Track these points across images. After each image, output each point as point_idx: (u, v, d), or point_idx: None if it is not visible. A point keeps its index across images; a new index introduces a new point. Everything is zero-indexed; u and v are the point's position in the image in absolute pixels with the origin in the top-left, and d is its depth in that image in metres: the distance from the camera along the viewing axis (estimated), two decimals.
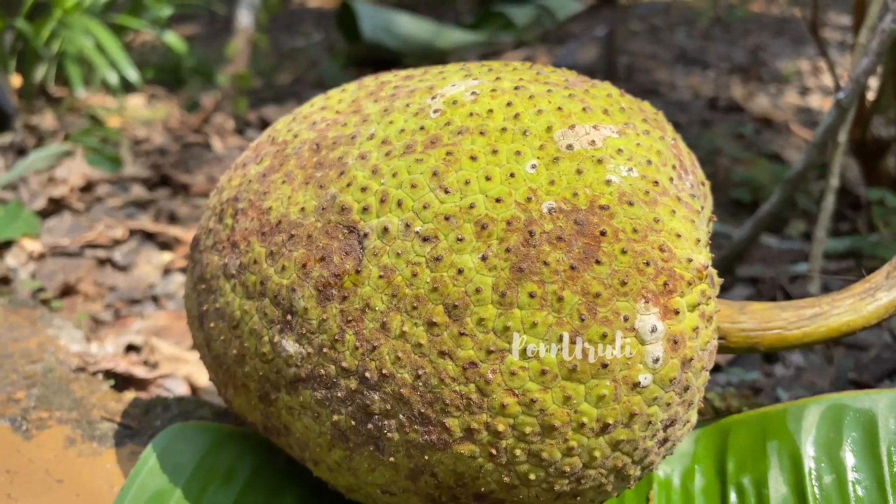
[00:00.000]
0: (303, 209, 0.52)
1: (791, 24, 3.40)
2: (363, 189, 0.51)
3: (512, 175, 0.49)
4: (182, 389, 0.92)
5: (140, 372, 0.90)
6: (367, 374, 0.49)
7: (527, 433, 0.47)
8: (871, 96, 1.47)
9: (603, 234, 0.48)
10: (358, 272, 0.49)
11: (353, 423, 0.50)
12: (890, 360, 1.00)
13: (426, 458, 0.49)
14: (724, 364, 0.98)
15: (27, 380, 0.83)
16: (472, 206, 0.48)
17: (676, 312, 0.48)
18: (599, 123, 0.52)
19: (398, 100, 0.55)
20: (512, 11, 2.70)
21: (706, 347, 0.51)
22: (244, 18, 2.08)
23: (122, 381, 0.89)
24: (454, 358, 0.47)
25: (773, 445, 0.63)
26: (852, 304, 0.62)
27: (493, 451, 0.48)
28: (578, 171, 0.49)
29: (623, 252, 0.47)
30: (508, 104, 0.52)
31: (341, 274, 0.50)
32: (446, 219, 0.48)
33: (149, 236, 1.27)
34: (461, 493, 0.51)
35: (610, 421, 0.47)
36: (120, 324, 1.04)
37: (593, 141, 0.51)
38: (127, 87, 2.41)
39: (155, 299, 1.12)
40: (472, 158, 0.50)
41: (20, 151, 1.73)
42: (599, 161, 0.50)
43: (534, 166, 0.49)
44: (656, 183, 0.51)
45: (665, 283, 0.48)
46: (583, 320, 0.46)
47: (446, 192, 0.49)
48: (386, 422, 0.49)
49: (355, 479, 0.54)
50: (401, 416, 0.49)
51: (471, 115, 0.52)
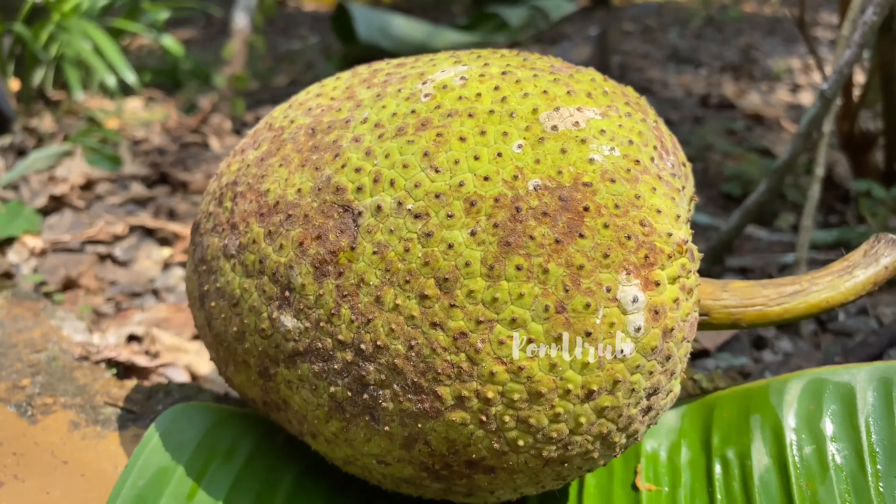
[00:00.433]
0: (299, 190, 0.55)
1: (783, 24, 3.43)
2: (357, 170, 0.53)
3: (499, 154, 0.51)
4: (183, 378, 0.94)
5: (142, 361, 0.92)
6: (363, 346, 0.51)
7: (515, 400, 0.49)
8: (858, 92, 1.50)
9: (586, 209, 0.50)
10: (353, 249, 0.51)
11: (350, 394, 0.52)
12: (875, 344, 1.02)
13: (419, 426, 0.51)
14: (712, 349, 1.01)
15: (31, 368, 0.85)
16: (461, 185, 0.50)
17: (657, 284, 0.50)
18: (583, 106, 0.54)
19: (390, 85, 0.58)
20: (506, 12, 2.73)
21: (687, 319, 0.53)
22: (240, 20, 2.10)
23: (124, 370, 0.91)
24: (445, 329, 0.49)
25: (756, 419, 0.65)
26: (831, 281, 0.64)
27: (484, 418, 0.50)
28: (563, 151, 0.51)
29: (605, 226, 0.50)
30: (496, 88, 0.55)
31: (337, 251, 0.52)
32: (437, 196, 0.50)
33: (149, 232, 1.29)
34: (454, 460, 0.53)
35: (594, 388, 0.49)
36: (121, 316, 1.06)
37: (577, 122, 0.53)
38: (125, 90, 2.43)
39: (155, 293, 1.14)
40: (462, 139, 0.52)
41: (20, 152, 1.75)
42: (583, 141, 0.52)
43: (520, 146, 0.52)
44: (637, 162, 0.53)
45: (646, 256, 0.50)
46: (567, 291, 0.49)
47: (437, 171, 0.51)
48: (381, 392, 0.51)
49: (352, 451, 0.56)
50: (395, 385, 0.51)
51: (460, 98, 0.54)
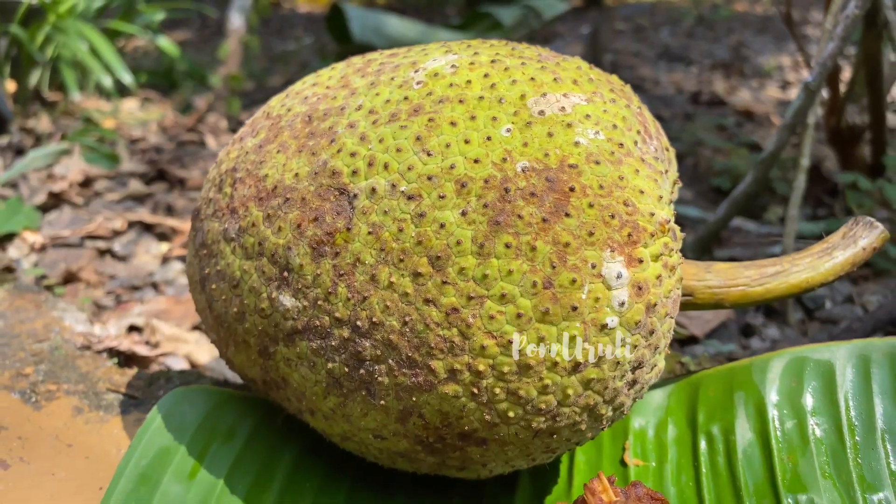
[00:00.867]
0: (297, 175, 0.57)
1: (774, 23, 3.46)
2: (352, 154, 0.55)
3: (489, 138, 0.53)
4: (182, 367, 0.96)
5: (142, 350, 0.94)
6: (359, 323, 0.53)
7: (505, 372, 0.51)
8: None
9: (572, 189, 0.52)
10: (349, 230, 0.53)
11: (346, 369, 0.54)
12: (860, 330, 1.05)
13: (414, 399, 0.53)
14: (701, 336, 1.03)
15: (35, 357, 0.87)
16: (452, 167, 0.53)
17: (640, 261, 0.53)
18: (569, 92, 0.57)
19: (384, 74, 0.60)
20: (499, 12, 2.75)
21: (670, 295, 0.55)
22: (235, 20, 2.12)
23: (125, 359, 0.93)
24: (438, 305, 0.51)
25: (739, 396, 0.67)
26: (811, 262, 0.67)
27: (475, 391, 0.52)
28: (549, 134, 0.54)
29: (590, 206, 0.52)
30: (485, 75, 0.57)
31: (333, 232, 0.54)
32: (429, 179, 0.53)
33: (147, 227, 1.31)
34: (447, 433, 0.55)
35: (581, 360, 0.52)
36: (121, 308, 1.08)
37: (563, 107, 0.55)
38: (121, 90, 2.45)
39: (154, 286, 1.16)
40: (452, 124, 0.54)
41: (18, 151, 1.76)
42: (569, 125, 0.54)
43: (509, 130, 0.54)
44: (621, 145, 0.55)
45: (629, 234, 0.52)
46: (554, 267, 0.51)
47: (429, 154, 0.53)
48: (376, 367, 0.53)
49: (349, 426, 0.58)
50: (390, 360, 0.53)
51: (451, 85, 0.56)
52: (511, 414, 0.53)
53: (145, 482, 0.64)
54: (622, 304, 0.52)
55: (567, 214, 0.51)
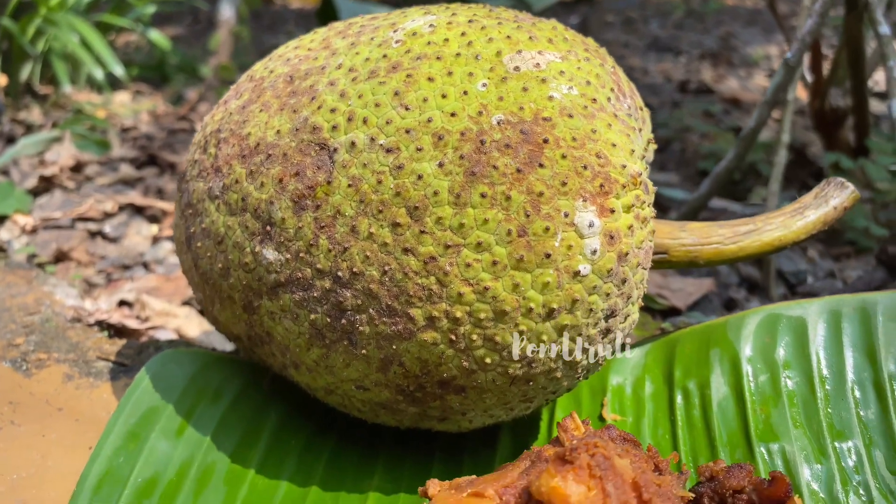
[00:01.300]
0: (278, 132, 0.58)
1: (763, 15, 3.49)
2: (332, 110, 0.56)
3: (465, 93, 0.55)
4: (172, 339, 0.97)
5: (132, 323, 0.95)
6: (340, 274, 0.55)
7: (482, 319, 0.53)
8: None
9: (545, 141, 0.54)
10: (329, 183, 0.55)
11: (329, 320, 0.56)
12: None
13: (394, 347, 0.55)
14: (684, 308, 1.05)
15: (26, 328, 0.88)
16: (429, 121, 0.54)
17: (612, 211, 0.54)
18: (544, 50, 0.58)
19: (364, 35, 0.61)
20: (489, 3, 2.76)
21: (642, 246, 0.57)
22: (226, 11, 2.14)
23: (116, 332, 0.94)
24: (416, 254, 0.53)
25: (715, 353, 0.69)
26: (783, 221, 0.68)
27: (453, 337, 0.54)
28: (524, 89, 0.55)
29: (563, 157, 0.54)
30: (462, 34, 0.58)
31: (314, 186, 0.55)
32: (407, 132, 0.54)
33: (138, 210, 1.32)
34: (426, 381, 0.56)
35: (555, 306, 0.53)
36: (112, 286, 1.10)
37: (538, 64, 0.57)
38: (113, 84, 2.46)
39: (145, 265, 1.17)
40: (430, 80, 0.56)
41: (9, 140, 1.77)
42: (543, 80, 0.56)
43: (484, 85, 0.55)
44: (594, 100, 0.57)
45: (601, 185, 0.54)
46: (528, 216, 0.52)
47: (406, 108, 0.55)
48: (357, 316, 0.55)
49: (332, 378, 0.59)
50: (371, 310, 0.54)
51: (429, 43, 0.58)
52: (488, 360, 0.54)
53: (133, 439, 0.65)
54: (594, 252, 0.53)
55: (541, 165, 0.53)
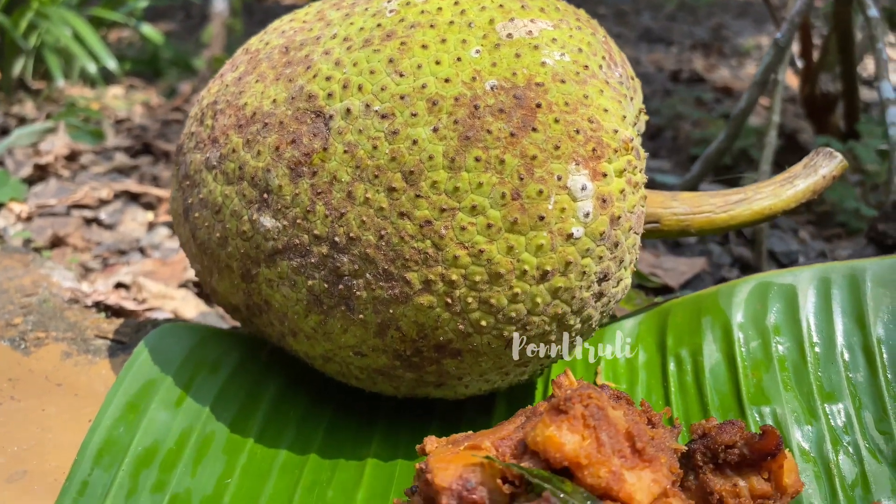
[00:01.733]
0: (274, 101, 0.59)
1: (754, 7, 3.51)
2: (328, 78, 0.57)
3: (459, 59, 0.56)
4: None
5: (130, 305, 0.95)
6: (337, 239, 0.55)
7: (477, 281, 0.54)
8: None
9: (538, 106, 0.54)
10: (325, 150, 0.56)
11: (326, 286, 0.57)
12: None
13: (391, 311, 0.56)
14: (676, 287, 1.06)
15: (23, 309, 0.89)
16: (424, 87, 0.55)
17: (604, 175, 0.55)
18: (536, 18, 0.59)
19: (358, 6, 0.62)
20: None
21: (634, 210, 0.58)
22: (219, 3, 2.14)
23: (113, 314, 0.94)
24: (412, 218, 0.54)
25: (707, 321, 0.70)
26: (773, 190, 0.69)
27: (449, 301, 0.54)
28: (517, 55, 0.56)
29: (556, 121, 0.54)
30: (455, 3, 0.59)
31: (310, 153, 0.56)
32: (401, 98, 0.55)
33: (133, 197, 1.33)
34: (423, 345, 0.57)
35: (548, 268, 0.54)
36: (109, 270, 1.10)
37: (530, 31, 0.58)
38: (106, 78, 2.46)
39: (141, 250, 1.17)
40: (424, 47, 0.56)
41: (3, 132, 1.77)
42: (536, 47, 0.57)
43: (478, 51, 0.56)
44: (586, 67, 0.58)
45: (594, 149, 0.55)
46: (521, 179, 0.53)
47: (401, 75, 0.55)
48: (355, 281, 0.56)
49: (330, 344, 0.60)
50: (367, 274, 0.55)
51: (422, 12, 0.59)
52: (483, 323, 0.55)
53: (133, 410, 0.66)
54: (587, 214, 0.54)
55: (534, 129, 0.54)
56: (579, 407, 0.44)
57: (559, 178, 0.54)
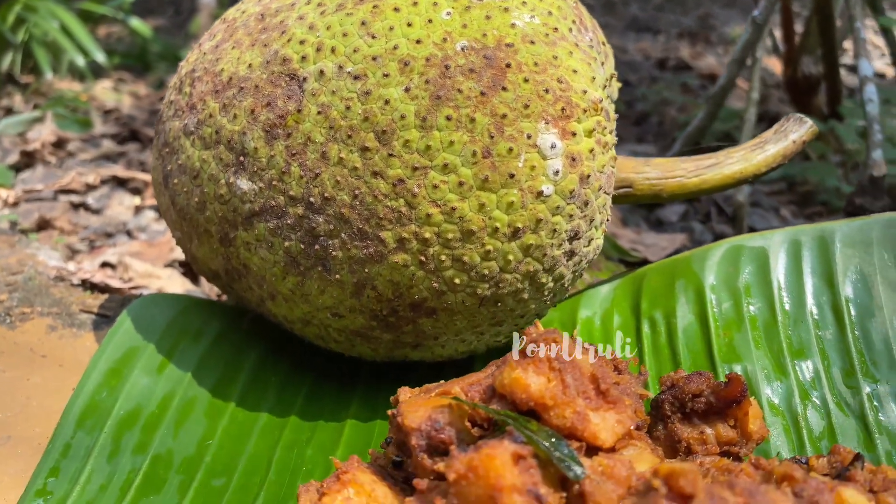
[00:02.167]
0: (250, 66, 0.60)
1: None
2: (301, 42, 0.58)
3: (430, 21, 0.57)
4: None
5: (115, 283, 0.96)
6: (312, 200, 0.56)
7: (450, 239, 0.55)
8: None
9: (508, 66, 0.56)
10: (299, 111, 0.57)
11: (302, 246, 0.58)
12: None
13: (367, 271, 0.57)
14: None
15: (9, 286, 0.89)
16: (395, 48, 0.56)
17: (574, 134, 0.56)
18: None
19: None
20: None
21: (603, 170, 0.59)
22: None
23: (99, 292, 0.95)
24: (385, 177, 0.55)
25: (680, 284, 0.71)
26: (744, 154, 0.71)
27: (423, 259, 0.56)
28: (487, 17, 0.57)
29: (525, 81, 0.55)
30: None
31: (285, 115, 0.57)
32: (374, 59, 0.56)
33: (121, 182, 1.33)
34: (399, 304, 0.58)
35: (519, 225, 0.55)
36: (95, 252, 1.11)
37: None
38: (95, 72, 2.46)
39: (128, 233, 1.18)
40: (396, 10, 0.57)
41: None
42: (506, 10, 0.58)
43: (448, 13, 0.57)
44: (556, 29, 0.59)
45: (563, 109, 0.56)
46: (492, 137, 0.54)
47: (373, 37, 0.57)
48: (330, 241, 0.57)
49: (308, 306, 0.61)
50: (343, 234, 0.56)
51: None
52: (457, 281, 0.56)
53: (115, 376, 0.66)
54: (557, 172, 0.55)
55: (504, 88, 0.55)
56: (545, 350, 0.45)
57: (529, 137, 0.55)
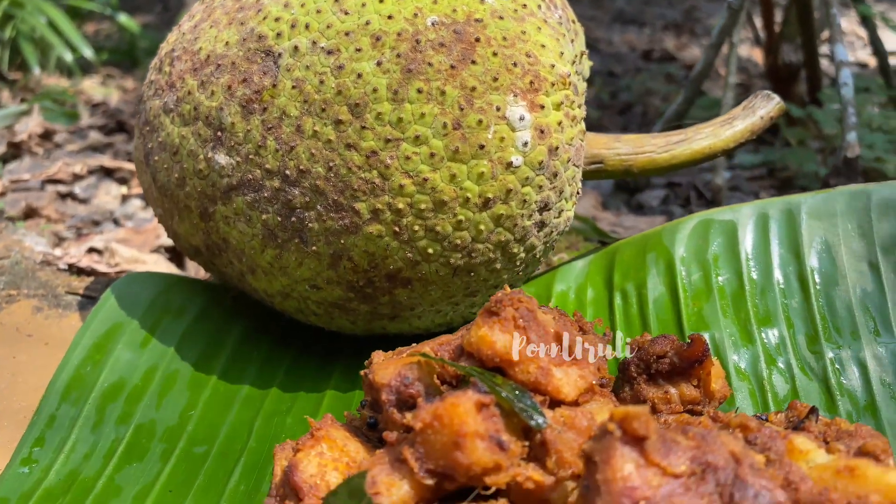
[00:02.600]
0: (227, 43, 0.61)
1: None
2: (277, 19, 0.60)
3: None
4: None
5: (102, 268, 0.97)
6: (288, 172, 0.58)
7: (422, 209, 0.57)
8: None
9: (477, 40, 0.57)
10: (274, 86, 0.58)
11: (280, 219, 0.59)
12: None
13: (342, 242, 0.58)
14: None
15: None
16: (367, 23, 0.57)
17: (542, 107, 0.58)
18: None
19: None
20: None
21: (572, 143, 0.61)
22: None
23: (85, 276, 0.96)
24: (358, 149, 0.56)
25: (651, 257, 0.73)
26: (713, 130, 0.72)
27: (397, 229, 0.57)
28: None
29: (494, 54, 0.57)
30: None
31: (261, 90, 0.59)
32: (346, 34, 0.57)
33: (108, 172, 1.34)
34: (375, 275, 0.60)
35: (490, 196, 0.57)
36: (82, 239, 1.12)
37: None
38: (83, 68, 2.46)
39: (115, 221, 1.19)
40: None
41: None
42: None
43: None
44: (525, 6, 0.60)
45: (531, 82, 0.58)
46: (462, 110, 0.56)
47: (346, 13, 0.58)
48: (306, 213, 0.58)
49: (287, 279, 0.63)
50: (318, 206, 0.58)
51: None
52: (430, 251, 0.58)
53: (99, 350, 0.68)
54: (525, 144, 0.57)
55: (473, 62, 0.57)
56: (510, 310, 0.46)
57: (498, 109, 0.56)
